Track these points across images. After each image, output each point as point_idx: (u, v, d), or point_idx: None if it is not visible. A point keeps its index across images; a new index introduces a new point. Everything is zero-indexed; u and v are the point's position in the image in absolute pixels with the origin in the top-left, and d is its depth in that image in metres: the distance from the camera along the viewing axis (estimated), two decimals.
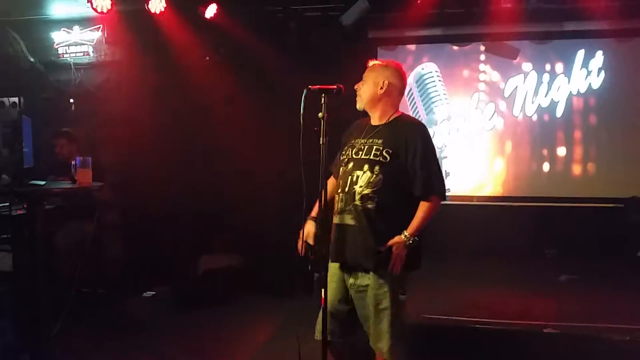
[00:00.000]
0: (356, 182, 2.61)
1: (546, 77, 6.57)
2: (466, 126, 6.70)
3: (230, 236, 5.76)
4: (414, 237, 2.55)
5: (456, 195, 6.62)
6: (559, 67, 6.55)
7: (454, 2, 6.00)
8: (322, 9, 6.12)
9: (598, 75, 6.43)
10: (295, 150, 2.57)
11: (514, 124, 6.68)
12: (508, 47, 6.61)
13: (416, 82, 6.78)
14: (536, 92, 6.59)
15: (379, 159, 2.60)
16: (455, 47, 6.80)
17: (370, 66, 2.79)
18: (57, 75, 5.95)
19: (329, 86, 2.55)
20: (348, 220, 2.63)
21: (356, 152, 2.68)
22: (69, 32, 5.91)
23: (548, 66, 6.58)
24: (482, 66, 6.73)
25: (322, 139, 2.51)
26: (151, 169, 5.66)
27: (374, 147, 2.64)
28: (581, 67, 6.47)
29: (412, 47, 6.88)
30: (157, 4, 5.37)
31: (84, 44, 5.91)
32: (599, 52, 6.42)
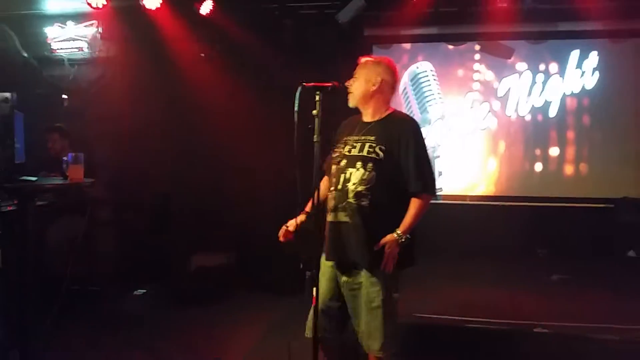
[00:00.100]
0: (349, 180, 2.60)
1: (540, 77, 6.60)
2: (460, 125, 6.72)
3: (223, 234, 5.75)
4: (407, 235, 2.55)
5: (449, 195, 6.65)
6: (553, 67, 6.58)
7: (449, 1, 6.01)
8: (318, 6, 6.12)
9: (592, 75, 6.47)
10: (291, 148, 2.56)
11: (508, 124, 6.70)
12: (503, 47, 6.63)
13: (411, 81, 6.78)
14: (530, 92, 6.61)
15: (372, 156, 2.59)
16: (450, 46, 6.82)
17: (361, 63, 2.75)
18: (50, 70, 5.91)
19: (323, 84, 2.54)
20: (342, 218, 2.61)
21: (349, 150, 2.67)
22: (63, 28, 5.86)
23: (542, 66, 6.61)
24: (476, 65, 6.76)
25: (316, 136, 2.50)
26: (144, 166, 5.64)
27: (367, 144, 2.62)
28: (575, 67, 6.51)
29: (408, 45, 6.89)
30: (152, 0, 5.34)
31: (78, 40, 5.86)
32: (594, 52, 6.45)
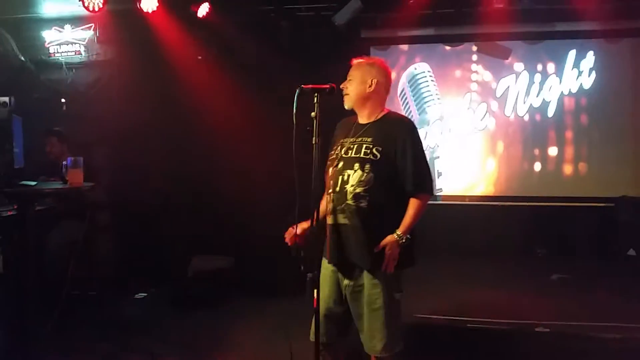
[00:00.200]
0: (347, 181, 2.59)
1: (538, 77, 6.61)
2: (458, 126, 6.72)
3: (223, 237, 5.74)
4: (407, 235, 2.55)
5: (448, 195, 6.66)
6: (550, 67, 6.60)
7: (446, 2, 6.02)
8: (314, 8, 6.12)
9: (589, 75, 6.48)
10: (289, 150, 2.56)
11: (506, 124, 6.71)
12: (500, 47, 6.65)
13: (409, 82, 6.78)
14: (528, 92, 6.63)
15: (369, 157, 2.58)
16: (448, 47, 6.82)
17: (355, 64, 2.74)
18: (48, 74, 5.90)
19: (321, 85, 2.54)
20: (341, 220, 2.61)
21: (345, 151, 2.66)
22: (60, 31, 5.86)
23: (540, 66, 6.62)
24: (474, 66, 6.77)
25: (314, 138, 2.50)
26: (143, 169, 5.63)
27: (364, 146, 2.62)
28: (572, 67, 6.52)
29: (405, 47, 6.90)
30: (149, 2, 5.34)
31: (75, 43, 5.86)
32: (590, 52, 6.47)
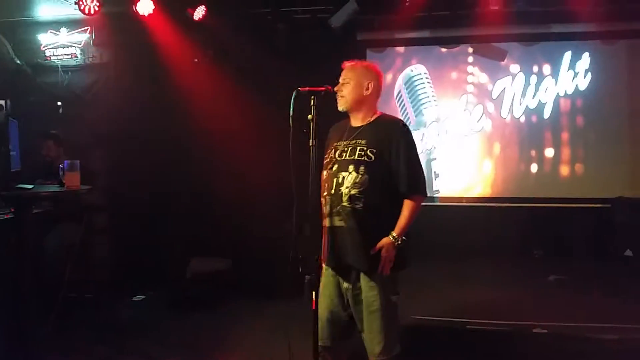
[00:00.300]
0: (342, 184, 2.59)
1: (534, 78, 6.63)
2: (455, 128, 6.73)
3: (221, 239, 5.74)
4: (402, 237, 2.56)
5: (445, 197, 6.67)
6: (546, 68, 6.62)
7: (442, 4, 6.04)
8: (311, 11, 6.13)
9: (585, 76, 6.51)
10: (286, 152, 2.56)
11: (502, 126, 6.73)
12: (496, 49, 6.67)
13: (405, 84, 6.79)
14: (524, 94, 6.64)
15: (363, 158, 2.59)
16: (444, 49, 6.84)
17: (349, 67, 2.73)
18: (44, 77, 5.88)
19: (318, 88, 2.55)
20: (337, 222, 2.61)
21: (340, 154, 2.66)
22: (56, 34, 5.85)
23: (535, 68, 6.64)
24: (470, 68, 6.78)
25: (311, 140, 2.50)
26: (139, 172, 5.63)
27: (358, 148, 2.62)
28: (568, 68, 6.55)
29: (401, 49, 6.91)
30: (145, 5, 5.34)
31: (71, 46, 5.85)
32: (586, 53, 6.50)
